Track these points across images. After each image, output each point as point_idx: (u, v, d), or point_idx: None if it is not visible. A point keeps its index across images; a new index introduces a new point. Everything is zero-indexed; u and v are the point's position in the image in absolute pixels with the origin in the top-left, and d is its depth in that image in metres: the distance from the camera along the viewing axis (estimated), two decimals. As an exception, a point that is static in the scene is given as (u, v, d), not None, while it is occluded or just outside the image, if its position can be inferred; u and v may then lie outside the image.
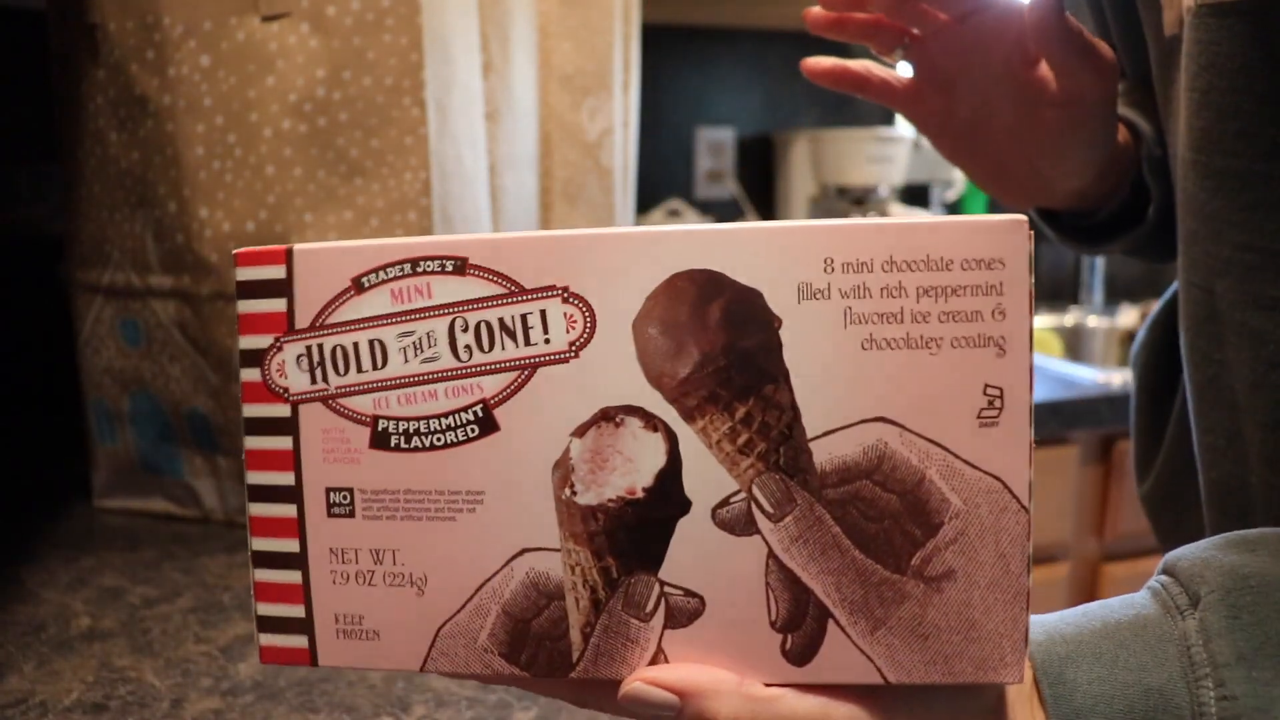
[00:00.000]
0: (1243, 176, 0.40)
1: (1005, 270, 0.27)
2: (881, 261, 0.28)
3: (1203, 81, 0.41)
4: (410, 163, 0.69)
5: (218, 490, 0.77)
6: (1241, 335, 0.41)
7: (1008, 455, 0.28)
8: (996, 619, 0.28)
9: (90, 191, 0.75)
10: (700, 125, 1.80)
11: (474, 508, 0.30)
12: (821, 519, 0.28)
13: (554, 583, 0.30)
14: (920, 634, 0.28)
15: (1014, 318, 0.27)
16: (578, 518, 0.29)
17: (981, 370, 0.28)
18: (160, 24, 0.69)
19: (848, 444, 0.28)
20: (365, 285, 0.30)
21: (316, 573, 0.31)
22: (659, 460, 0.29)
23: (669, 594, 0.29)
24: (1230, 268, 0.41)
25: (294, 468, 0.31)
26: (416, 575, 0.31)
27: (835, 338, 0.28)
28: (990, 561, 0.28)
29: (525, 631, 0.30)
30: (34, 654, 0.56)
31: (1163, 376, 0.57)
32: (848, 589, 0.29)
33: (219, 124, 0.69)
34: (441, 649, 0.31)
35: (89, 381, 0.79)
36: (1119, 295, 2.02)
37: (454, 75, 0.72)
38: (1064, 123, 0.48)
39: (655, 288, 0.28)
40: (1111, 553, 1.43)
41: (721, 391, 0.28)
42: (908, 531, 0.28)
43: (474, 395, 0.30)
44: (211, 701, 0.51)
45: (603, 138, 0.89)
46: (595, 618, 0.30)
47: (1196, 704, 0.29)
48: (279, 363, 0.31)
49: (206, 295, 0.71)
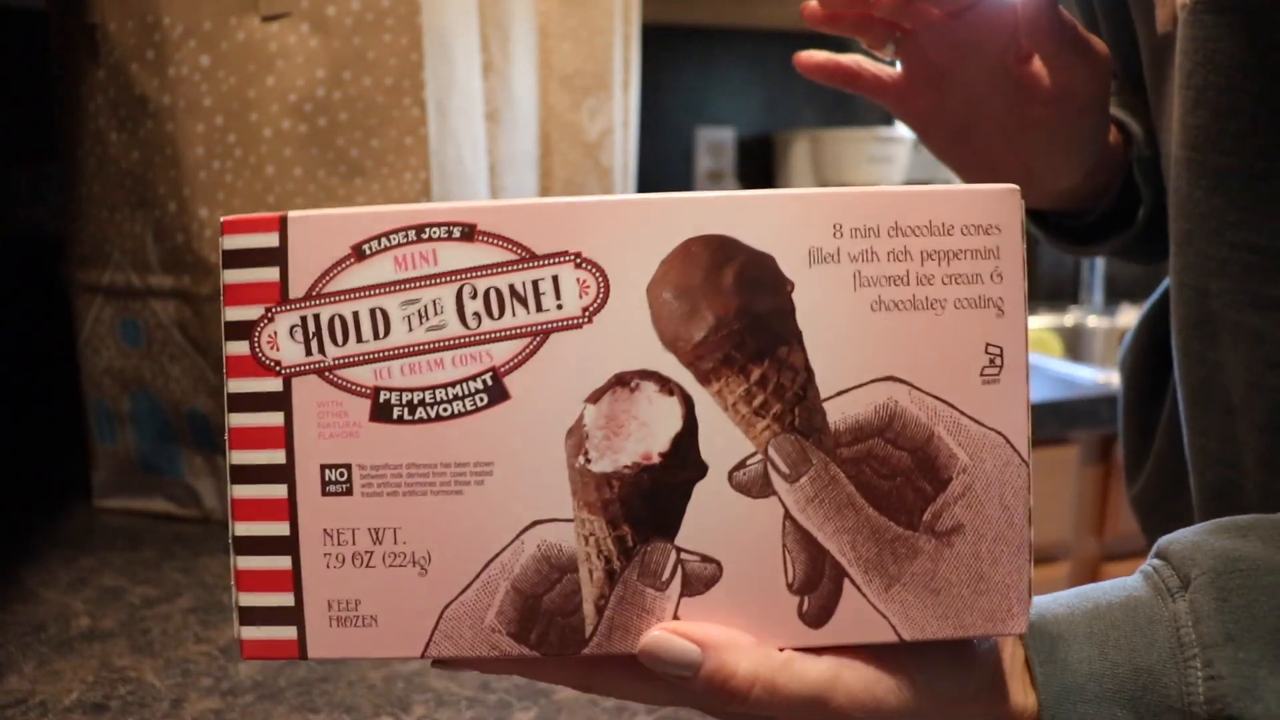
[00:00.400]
0: (1240, 175, 0.40)
1: (1001, 235, 0.29)
2: (888, 226, 0.29)
3: (1198, 78, 0.40)
4: (410, 163, 0.69)
5: (218, 490, 0.77)
6: (1238, 336, 0.41)
7: (1008, 411, 0.29)
8: (1003, 571, 0.29)
9: (90, 191, 0.75)
10: (700, 125, 1.80)
11: (482, 480, 0.29)
12: (836, 478, 0.29)
13: (566, 555, 0.29)
14: (932, 589, 0.29)
15: (1010, 280, 0.29)
16: (592, 486, 0.29)
17: (983, 330, 0.29)
18: (160, 24, 0.69)
19: (860, 403, 0.29)
20: (367, 252, 0.29)
21: (308, 557, 0.29)
22: (675, 424, 0.29)
23: (685, 561, 0.29)
24: (1227, 267, 0.41)
25: (285, 445, 0.29)
26: (419, 554, 0.29)
27: (846, 300, 0.29)
28: (996, 515, 0.29)
29: (535, 608, 0.29)
30: (34, 654, 0.56)
31: (1151, 378, 0.57)
32: (863, 547, 0.29)
33: (219, 124, 0.69)
34: (445, 631, 0.29)
35: (89, 381, 0.79)
36: (1119, 295, 2.02)
37: (454, 75, 0.72)
38: (1056, 120, 0.48)
39: (669, 253, 0.28)
40: (1111, 553, 1.43)
41: (736, 354, 0.29)
42: (919, 487, 0.29)
43: (483, 363, 0.29)
44: (211, 701, 0.51)
45: (603, 138, 0.89)
46: (610, 589, 0.29)
47: (1184, 684, 0.29)
48: (270, 334, 0.29)
49: (206, 295, 0.71)
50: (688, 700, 0.30)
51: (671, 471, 0.29)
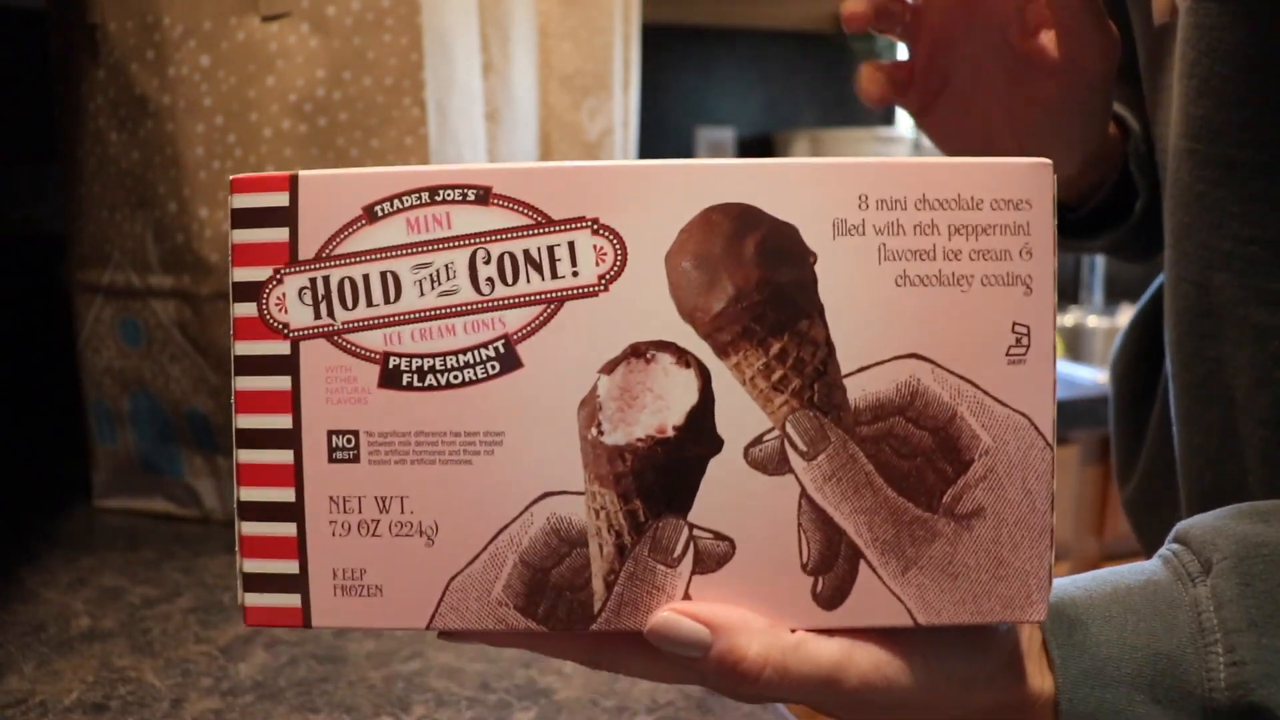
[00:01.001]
0: (1247, 167, 0.39)
1: (1032, 211, 0.28)
2: (915, 199, 0.28)
3: (1202, 68, 0.40)
4: (410, 163, 0.69)
5: (218, 490, 0.77)
6: (1243, 331, 0.40)
7: (1034, 392, 0.28)
8: (1023, 556, 0.28)
9: (90, 191, 0.75)
10: (700, 125, 1.80)
11: (492, 450, 0.28)
12: (855, 457, 0.28)
13: (576, 529, 0.28)
14: (950, 573, 0.28)
15: (1040, 257, 0.28)
16: (604, 459, 0.28)
17: (1010, 308, 0.28)
18: (160, 24, 0.69)
19: (881, 380, 0.28)
20: (379, 214, 0.28)
21: (314, 524, 0.29)
22: (691, 397, 0.28)
23: (698, 537, 0.28)
24: (1231, 261, 0.40)
25: (292, 409, 0.29)
26: (426, 524, 0.29)
27: (870, 274, 0.28)
28: (1018, 499, 0.28)
29: (544, 582, 0.29)
30: (34, 654, 0.56)
31: (1141, 380, 0.57)
32: (880, 528, 0.28)
33: (219, 124, 0.69)
34: (451, 603, 0.29)
35: (89, 382, 0.79)
36: (1119, 295, 2.02)
37: (454, 75, 0.72)
38: (1060, 97, 0.46)
39: (689, 221, 0.28)
40: (1111, 552, 1.43)
41: (756, 327, 0.28)
42: (939, 469, 0.28)
43: (496, 330, 0.28)
44: (211, 701, 0.51)
45: (603, 138, 0.89)
46: (620, 564, 0.28)
47: (1205, 669, 0.29)
48: (279, 296, 0.29)
49: (206, 295, 0.71)
50: (697, 679, 0.30)
51: (686, 446, 0.28)
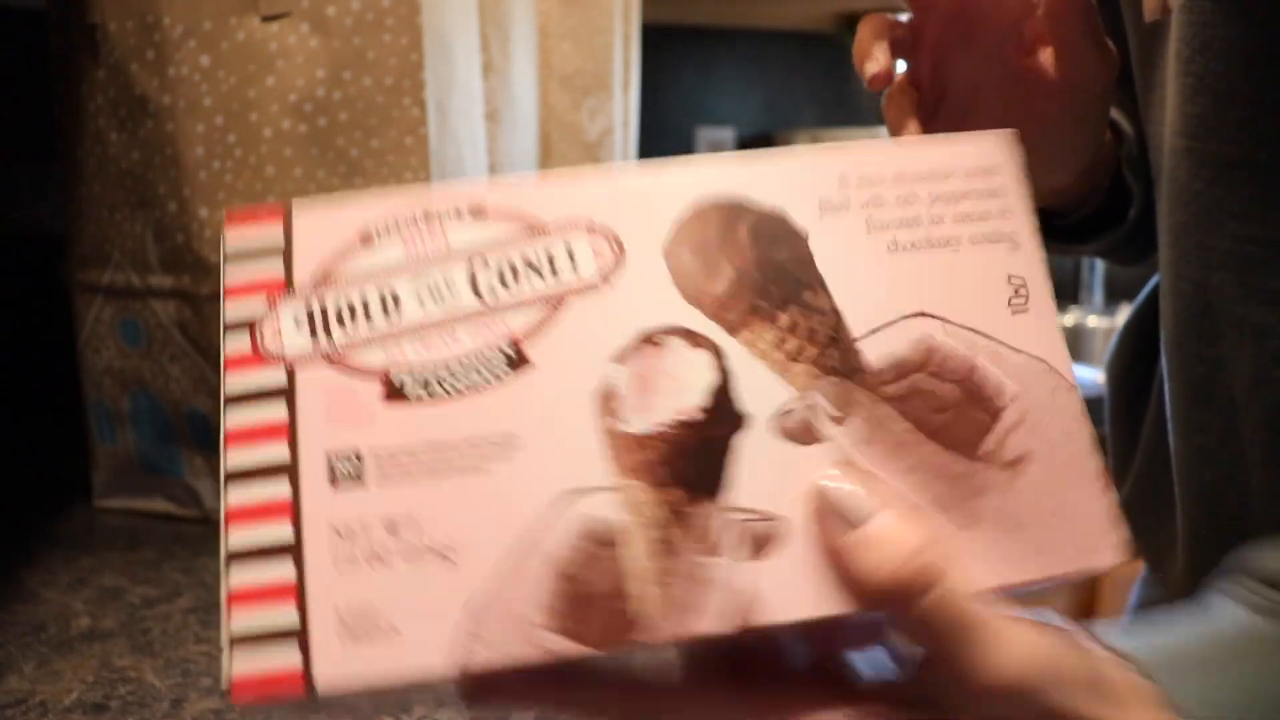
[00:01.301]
0: (1244, 165, 0.39)
1: (1003, 176, 0.30)
2: (892, 175, 0.29)
3: (1197, 66, 0.39)
4: (410, 163, 0.69)
5: (217, 490, 0.77)
6: (1242, 330, 0.40)
7: (1044, 338, 0.29)
8: (1081, 498, 0.28)
9: (90, 191, 0.75)
10: (700, 125, 1.80)
11: (509, 455, 0.27)
12: (888, 416, 0.28)
13: (609, 529, 0.26)
14: (1013, 525, 0.27)
15: (1019, 216, 0.30)
16: (630, 448, 0.27)
17: (1001, 263, 0.29)
18: (160, 24, 0.69)
19: (895, 340, 0.28)
20: (374, 238, 0.28)
21: (314, 559, 0.26)
22: (709, 375, 0.27)
23: (745, 521, 0.26)
24: (1229, 260, 0.40)
25: (289, 438, 0.27)
26: (442, 545, 0.26)
27: (862, 244, 0.29)
28: (1059, 440, 0.28)
29: (580, 593, 0.26)
30: (34, 654, 0.56)
31: (1137, 380, 0.56)
32: (931, 486, 0.27)
33: (219, 124, 0.69)
34: (476, 632, 0.26)
35: (89, 382, 0.79)
36: (1119, 295, 2.02)
37: (454, 75, 0.72)
38: (1058, 114, 0.46)
39: (681, 215, 0.29)
40: (1111, 553, 1.43)
41: (761, 303, 0.28)
42: (973, 418, 0.28)
43: (500, 332, 0.27)
44: (211, 701, 0.51)
45: (603, 138, 0.89)
46: (664, 563, 0.26)
47: None
48: (273, 327, 0.27)
49: (206, 295, 0.71)
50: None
51: (712, 424, 0.27)
